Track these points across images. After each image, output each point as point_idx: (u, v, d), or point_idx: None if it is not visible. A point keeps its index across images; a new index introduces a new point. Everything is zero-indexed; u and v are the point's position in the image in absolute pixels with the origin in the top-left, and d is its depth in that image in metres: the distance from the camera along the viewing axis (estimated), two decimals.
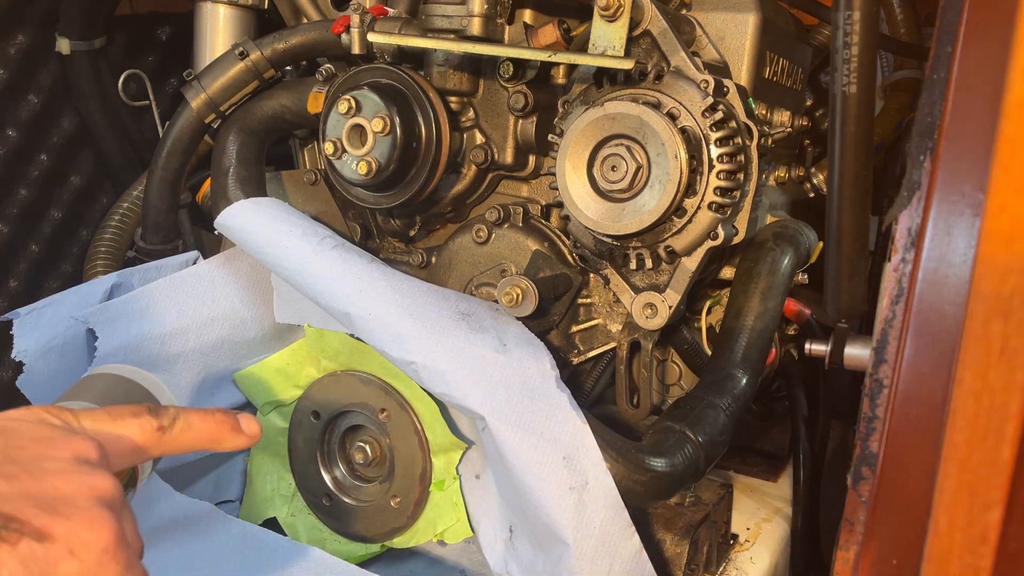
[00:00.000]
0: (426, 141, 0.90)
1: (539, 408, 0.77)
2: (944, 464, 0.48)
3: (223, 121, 1.09)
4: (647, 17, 0.84)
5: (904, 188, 0.60)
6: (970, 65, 0.55)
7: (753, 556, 0.97)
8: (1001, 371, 0.45)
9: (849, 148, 0.62)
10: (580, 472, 0.74)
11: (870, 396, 0.62)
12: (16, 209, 1.22)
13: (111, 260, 1.22)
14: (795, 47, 1.04)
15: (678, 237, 0.85)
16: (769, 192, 1.06)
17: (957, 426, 0.47)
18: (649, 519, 0.87)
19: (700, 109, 0.82)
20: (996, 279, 0.45)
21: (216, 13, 1.18)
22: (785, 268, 0.94)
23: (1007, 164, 0.44)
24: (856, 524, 0.63)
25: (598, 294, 0.97)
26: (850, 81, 0.61)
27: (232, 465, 1.05)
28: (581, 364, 0.99)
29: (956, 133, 0.56)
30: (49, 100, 1.23)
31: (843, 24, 0.60)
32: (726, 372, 0.87)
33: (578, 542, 0.73)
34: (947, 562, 0.49)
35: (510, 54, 0.88)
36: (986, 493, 0.47)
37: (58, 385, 0.90)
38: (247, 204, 0.95)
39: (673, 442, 0.80)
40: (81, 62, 1.22)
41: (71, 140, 1.27)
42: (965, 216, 0.54)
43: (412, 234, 1.04)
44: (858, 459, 0.62)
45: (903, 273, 0.60)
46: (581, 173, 0.85)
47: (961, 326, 0.46)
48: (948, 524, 0.49)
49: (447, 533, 0.91)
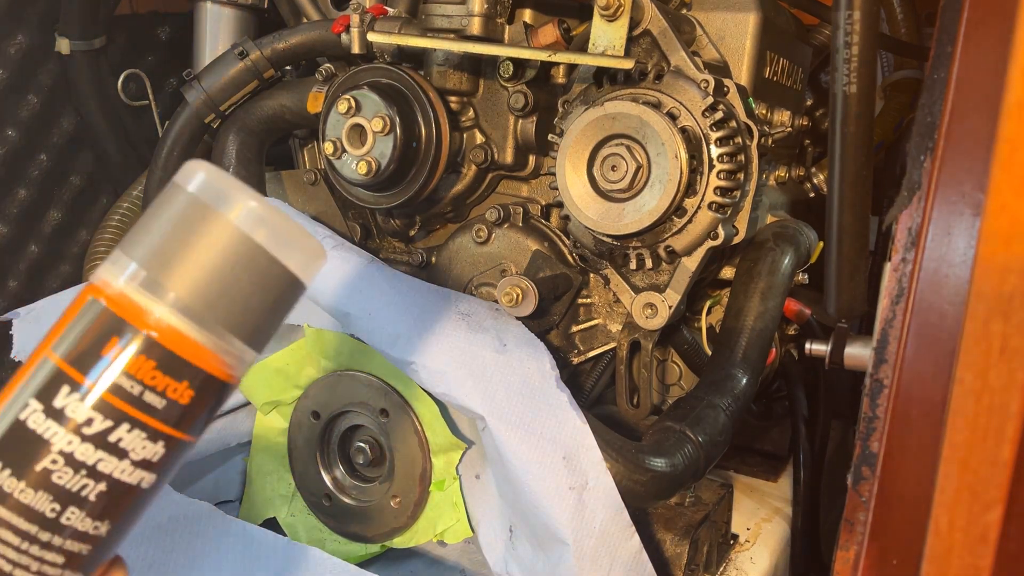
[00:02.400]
0: (426, 141, 0.90)
1: (539, 408, 0.77)
2: (944, 464, 0.48)
3: (223, 121, 1.09)
4: (647, 17, 0.84)
5: (904, 188, 0.60)
6: (970, 65, 0.55)
7: (753, 556, 0.97)
8: (1001, 371, 0.45)
9: (849, 148, 0.62)
10: (580, 472, 0.74)
11: (870, 396, 0.62)
12: (16, 209, 1.22)
13: None
14: (795, 47, 1.03)
15: (678, 237, 0.85)
16: (769, 192, 1.06)
17: (957, 426, 0.47)
18: (649, 519, 0.87)
19: (700, 109, 0.82)
20: (996, 279, 0.45)
21: (216, 13, 1.18)
22: (785, 268, 0.94)
23: (1007, 164, 0.44)
24: (856, 524, 0.63)
25: (598, 294, 0.96)
26: (850, 81, 0.61)
27: (232, 465, 1.05)
28: (581, 364, 0.99)
29: (956, 133, 0.56)
30: (49, 100, 1.23)
31: (843, 24, 0.60)
32: (726, 372, 0.87)
33: (578, 542, 0.73)
34: (947, 562, 0.49)
35: (510, 54, 0.87)
36: (986, 493, 0.47)
37: None
38: None
39: (673, 442, 0.80)
40: (81, 62, 1.22)
41: (71, 140, 1.27)
42: (965, 216, 0.54)
43: (412, 234, 1.04)
44: (858, 459, 0.62)
45: (903, 273, 0.60)
46: (581, 173, 0.85)
47: (961, 326, 0.46)
48: (948, 524, 0.49)
49: (447, 533, 0.91)
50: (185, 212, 0.40)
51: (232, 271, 0.39)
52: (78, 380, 0.38)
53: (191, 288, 0.39)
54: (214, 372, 0.40)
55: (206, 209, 0.39)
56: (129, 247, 0.40)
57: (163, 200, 0.41)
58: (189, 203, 0.40)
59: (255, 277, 0.40)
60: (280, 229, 0.40)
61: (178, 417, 0.40)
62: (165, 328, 0.39)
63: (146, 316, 0.39)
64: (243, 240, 0.39)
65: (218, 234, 0.39)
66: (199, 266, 0.39)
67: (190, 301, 0.39)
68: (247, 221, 0.39)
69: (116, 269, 0.40)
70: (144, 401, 0.38)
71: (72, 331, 0.39)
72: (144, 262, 0.39)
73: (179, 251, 0.39)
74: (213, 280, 0.39)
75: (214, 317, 0.39)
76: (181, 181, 0.40)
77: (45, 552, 0.38)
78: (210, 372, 0.40)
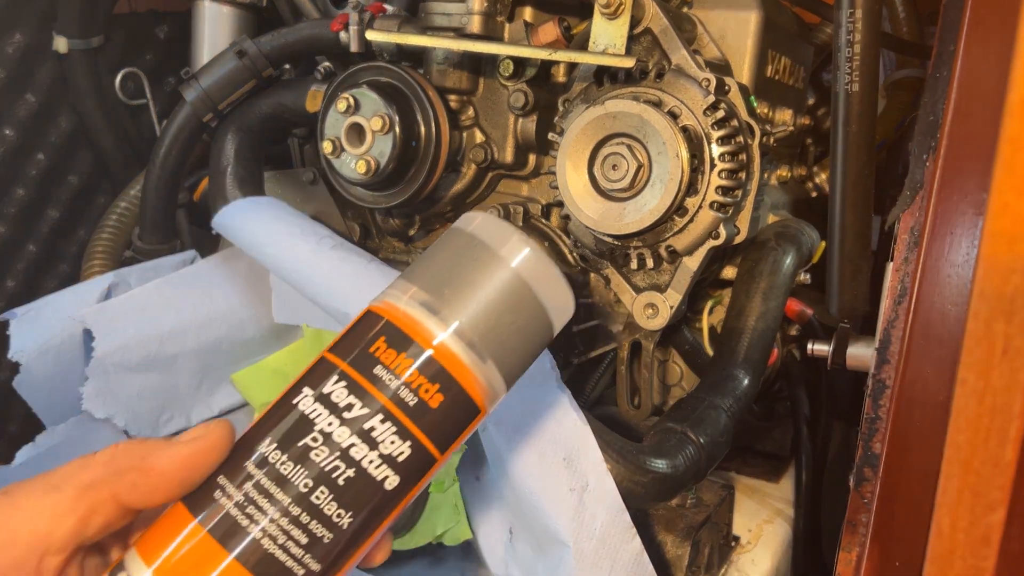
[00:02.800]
0: (425, 140, 0.89)
1: (539, 409, 0.76)
2: (946, 465, 0.48)
3: (221, 120, 1.08)
4: (648, 15, 0.84)
5: (907, 187, 0.60)
6: (972, 63, 0.55)
7: (755, 558, 0.96)
8: (1004, 371, 0.45)
9: (851, 147, 0.62)
10: (581, 473, 0.74)
11: (872, 397, 0.62)
12: (13, 209, 1.22)
13: (108, 260, 1.21)
14: (797, 45, 1.03)
15: (679, 236, 0.84)
16: (771, 191, 1.06)
17: (960, 427, 0.47)
18: (650, 521, 0.87)
19: (701, 108, 0.81)
20: (999, 279, 0.44)
21: (214, 11, 1.18)
22: (787, 268, 0.93)
23: (1010, 163, 0.44)
24: (858, 525, 0.63)
25: (599, 294, 0.96)
26: (852, 79, 0.61)
27: None
28: (582, 364, 0.98)
29: (958, 132, 0.55)
30: (47, 99, 1.22)
31: (845, 22, 0.60)
32: (728, 373, 0.86)
33: (578, 544, 0.73)
34: (950, 563, 0.49)
35: (510, 52, 0.87)
36: (989, 494, 0.47)
37: (55, 386, 0.90)
38: (245, 203, 0.95)
39: (674, 443, 0.79)
40: (79, 61, 1.21)
41: (69, 139, 1.27)
42: (968, 216, 0.54)
43: (411, 234, 1.03)
44: (860, 460, 0.62)
45: (906, 273, 0.59)
46: (582, 172, 0.85)
47: (963, 326, 0.45)
48: (951, 525, 0.48)
49: (446, 535, 0.91)
50: (467, 251, 0.45)
51: (504, 307, 0.45)
52: (344, 369, 0.43)
53: (470, 317, 0.44)
54: (467, 389, 0.44)
55: (487, 249, 0.45)
56: (414, 277, 0.46)
57: (445, 241, 0.46)
58: (470, 243, 0.45)
59: (521, 316, 0.45)
60: (547, 276, 0.45)
61: (426, 419, 0.43)
62: (435, 340, 0.44)
63: (425, 331, 0.44)
64: (518, 282, 0.45)
65: (496, 272, 0.45)
66: (477, 299, 0.44)
67: (468, 327, 0.44)
68: (523, 265, 0.45)
69: (400, 294, 0.45)
70: (399, 395, 0.43)
71: (349, 334, 0.45)
72: (429, 290, 0.45)
73: (460, 284, 0.44)
74: (489, 313, 0.44)
75: (483, 343, 0.44)
76: (462, 225, 0.46)
77: (293, 527, 0.41)
78: (464, 387, 0.44)
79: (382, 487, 0.43)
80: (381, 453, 0.42)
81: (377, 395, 0.42)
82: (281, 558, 0.41)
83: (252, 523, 0.41)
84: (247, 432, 0.44)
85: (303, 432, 0.42)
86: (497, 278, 0.44)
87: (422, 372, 0.43)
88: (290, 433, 0.42)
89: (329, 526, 0.42)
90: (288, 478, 0.41)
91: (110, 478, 0.41)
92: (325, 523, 0.42)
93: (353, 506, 0.42)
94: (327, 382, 0.43)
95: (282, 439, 0.42)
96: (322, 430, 0.42)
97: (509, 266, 0.44)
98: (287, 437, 0.42)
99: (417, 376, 0.43)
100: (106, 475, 0.41)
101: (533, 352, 0.48)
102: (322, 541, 0.42)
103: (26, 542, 0.39)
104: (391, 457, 0.42)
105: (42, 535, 0.40)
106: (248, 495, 0.41)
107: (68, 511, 0.40)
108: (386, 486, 0.43)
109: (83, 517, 0.40)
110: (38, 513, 0.40)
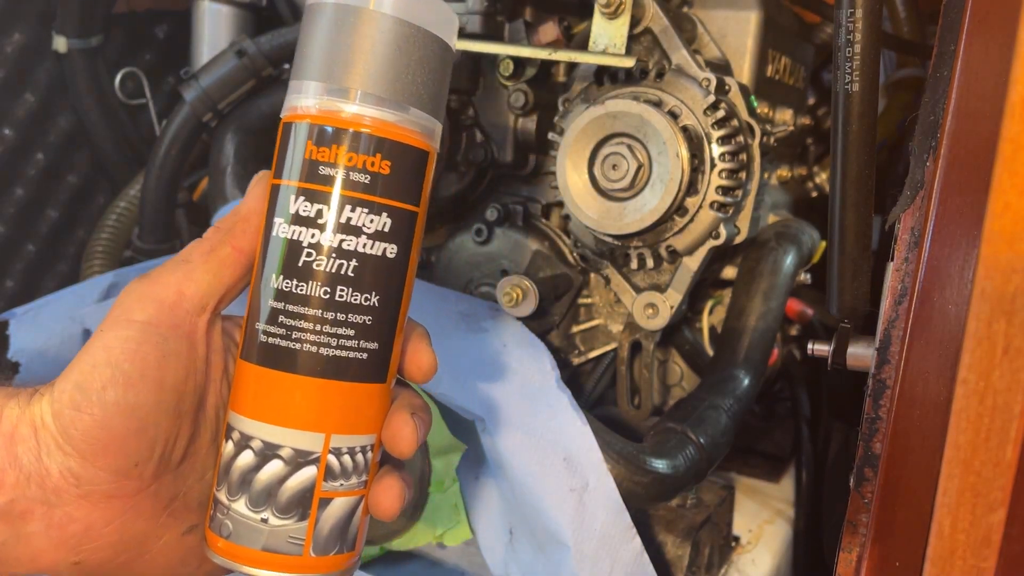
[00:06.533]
0: None
1: (539, 409, 0.76)
2: (947, 465, 0.48)
3: (221, 120, 1.08)
4: (648, 15, 0.84)
5: (907, 187, 0.60)
6: (973, 63, 0.55)
7: (755, 558, 0.96)
8: (1005, 371, 0.45)
9: (852, 147, 0.62)
10: (581, 473, 0.74)
11: (873, 397, 0.62)
12: (13, 208, 1.22)
13: (108, 259, 1.21)
14: (797, 45, 1.03)
15: (680, 236, 0.84)
16: (771, 191, 1.06)
17: (960, 427, 0.47)
18: (650, 521, 0.87)
19: (702, 107, 0.81)
20: (999, 279, 0.44)
21: (214, 11, 1.18)
22: (787, 268, 0.93)
23: (1010, 163, 0.44)
24: (859, 526, 0.62)
25: (599, 294, 0.96)
26: (853, 79, 0.60)
27: None
28: (582, 365, 0.98)
29: (959, 132, 0.55)
30: (46, 98, 1.22)
31: (846, 22, 0.60)
32: (728, 373, 0.86)
33: (579, 544, 0.73)
34: (950, 564, 0.49)
35: (510, 52, 0.87)
36: (989, 495, 0.47)
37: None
38: None
39: (675, 443, 0.79)
40: (78, 60, 1.21)
41: (68, 139, 1.27)
42: (968, 215, 0.54)
43: None
44: (861, 460, 0.62)
45: (906, 273, 0.59)
46: (582, 172, 0.85)
47: (964, 326, 0.45)
48: (951, 526, 0.48)
49: (447, 535, 0.91)
50: (331, 21, 0.46)
51: (394, 53, 0.46)
52: (297, 186, 0.46)
53: (368, 79, 0.45)
54: (405, 141, 0.47)
55: (344, 8, 0.45)
56: (300, 73, 0.47)
57: (308, 22, 0.47)
58: (329, 11, 0.46)
59: (414, 52, 0.46)
60: (411, 3, 0.46)
61: (387, 186, 0.46)
62: (351, 118, 0.46)
63: (338, 115, 0.46)
64: (391, 22, 0.45)
65: (367, 26, 0.45)
66: (366, 59, 0.46)
67: (372, 89, 0.46)
68: (385, 4, 0.45)
69: (298, 95, 0.47)
70: (352, 181, 0.46)
71: (281, 155, 0.48)
72: (320, 76, 0.46)
73: (343, 55, 0.46)
74: (384, 65, 0.46)
75: (394, 96, 0.46)
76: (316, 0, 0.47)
77: (337, 328, 0.46)
78: (401, 142, 0.46)
79: (386, 258, 0.47)
80: (368, 234, 0.46)
81: (334, 191, 0.46)
82: (342, 354, 0.47)
83: (303, 343, 0.46)
84: (253, 281, 0.49)
85: (297, 254, 0.46)
86: (371, 30, 0.45)
87: (359, 151, 0.46)
88: (287, 261, 0.46)
89: (363, 311, 0.47)
90: (308, 295, 0.46)
91: (224, 236, 0.49)
92: (359, 310, 0.47)
93: (373, 286, 0.47)
94: (289, 203, 0.46)
95: (285, 269, 0.46)
96: (311, 243, 0.46)
97: (374, 13, 0.45)
98: (287, 266, 0.46)
99: (356, 156, 0.46)
100: (220, 235, 0.49)
101: (445, 74, 0.49)
102: (366, 324, 0.47)
103: (175, 304, 0.47)
104: (379, 232, 0.46)
105: (187, 296, 0.47)
106: (285, 324, 0.46)
107: (202, 272, 0.48)
108: (389, 255, 0.47)
109: (216, 272, 0.48)
110: (177, 281, 0.47)
